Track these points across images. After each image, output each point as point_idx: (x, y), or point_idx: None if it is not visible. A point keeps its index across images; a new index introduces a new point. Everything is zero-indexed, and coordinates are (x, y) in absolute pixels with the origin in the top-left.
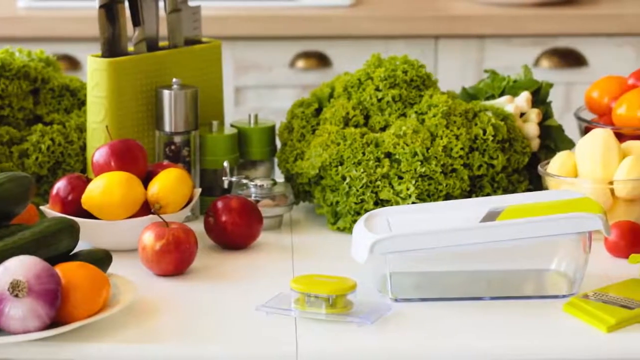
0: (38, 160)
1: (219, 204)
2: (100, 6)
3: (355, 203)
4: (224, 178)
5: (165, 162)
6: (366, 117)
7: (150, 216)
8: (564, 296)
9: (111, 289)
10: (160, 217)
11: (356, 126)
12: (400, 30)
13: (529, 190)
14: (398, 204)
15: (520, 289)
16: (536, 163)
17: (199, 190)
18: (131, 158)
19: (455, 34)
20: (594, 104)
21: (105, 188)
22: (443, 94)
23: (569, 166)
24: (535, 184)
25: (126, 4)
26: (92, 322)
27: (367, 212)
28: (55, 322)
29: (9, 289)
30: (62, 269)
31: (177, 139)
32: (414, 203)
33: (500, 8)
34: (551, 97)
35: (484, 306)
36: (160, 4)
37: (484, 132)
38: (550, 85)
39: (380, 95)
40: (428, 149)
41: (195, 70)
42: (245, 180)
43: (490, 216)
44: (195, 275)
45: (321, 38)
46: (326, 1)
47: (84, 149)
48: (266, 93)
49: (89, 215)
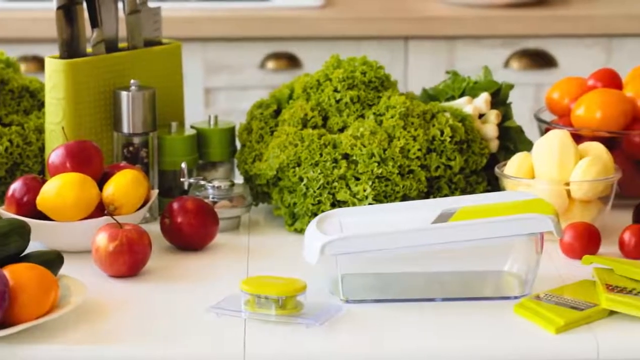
0: None
1: (175, 205)
2: (58, 7)
3: (313, 204)
4: (181, 179)
5: (123, 164)
6: (325, 119)
7: (104, 217)
8: (516, 297)
9: (61, 290)
10: (114, 219)
11: (314, 127)
12: (371, 31)
13: (488, 191)
14: (355, 205)
15: (472, 290)
16: (495, 164)
17: (155, 192)
18: (86, 159)
19: (426, 35)
20: (554, 105)
21: (59, 189)
22: (401, 95)
23: (526, 167)
24: (493, 185)
25: (84, 5)
26: (42, 324)
27: (320, 214)
28: (3, 324)
29: None
30: (11, 271)
31: (135, 140)
32: (370, 204)
33: (470, 9)
34: (521, 99)
35: (436, 307)
36: (120, 5)
37: (442, 133)
38: (510, 86)
39: (338, 96)
40: (385, 150)
41: (155, 71)
42: (203, 182)
43: (443, 217)
44: (150, 276)
45: (291, 39)
46: (296, 2)
47: (43, 150)
48: (237, 94)
49: (45, 216)
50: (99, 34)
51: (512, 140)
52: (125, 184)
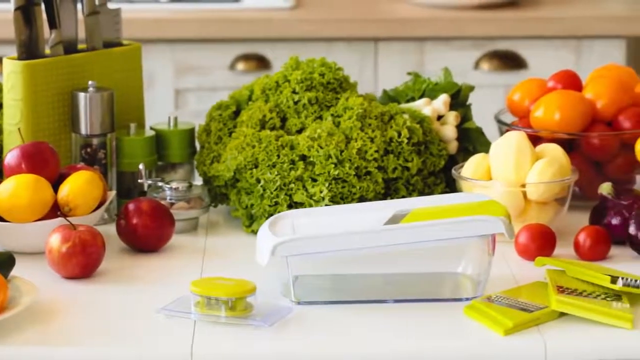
0: None
1: (130, 207)
2: (16, 8)
3: (270, 206)
4: (139, 180)
5: (80, 165)
6: (283, 120)
7: (58, 219)
8: (467, 299)
9: (11, 292)
10: (67, 220)
11: (272, 129)
12: (341, 32)
13: (446, 192)
14: (312, 206)
15: (424, 292)
16: (454, 165)
17: (112, 193)
18: (42, 160)
19: (395, 37)
20: (515, 106)
21: (13, 191)
22: (360, 96)
23: (483, 169)
24: (452, 186)
25: (43, 6)
26: None
27: (274, 215)
28: None
29: None
30: None
31: (93, 142)
32: (327, 206)
33: (440, 11)
34: (491, 100)
35: (388, 309)
36: (80, 7)
37: (399, 135)
38: (470, 88)
39: (296, 97)
40: (342, 151)
41: (115, 72)
42: (160, 183)
43: (395, 219)
44: (103, 277)
45: (261, 40)
46: (266, 4)
47: (1, 151)
48: (206, 95)
49: (0, 217)
50: (57, 35)
51: (472, 142)
52: (80, 185)
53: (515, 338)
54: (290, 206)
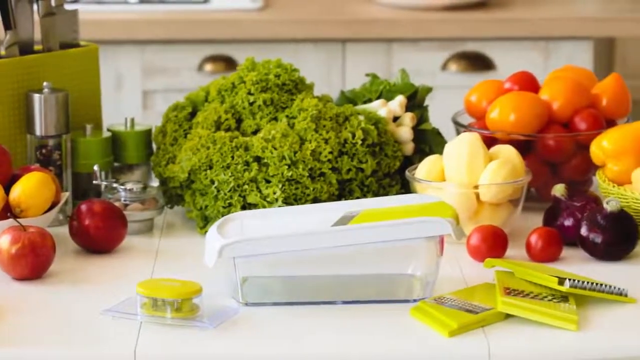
0: None
1: (83, 208)
2: None
3: (223, 207)
4: (94, 182)
5: (34, 166)
6: (238, 121)
7: (9, 220)
8: (415, 300)
9: None
10: (17, 221)
11: (228, 130)
12: (308, 33)
13: (401, 194)
14: (265, 207)
15: (372, 293)
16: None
17: (66, 194)
18: None
19: (363, 38)
20: (472, 108)
21: None
22: (315, 98)
23: (437, 170)
24: (407, 188)
25: None
26: None
27: (224, 217)
28: None
29: None
30: None
31: (49, 143)
32: (281, 207)
33: (407, 12)
34: (459, 101)
35: (336, 310)
36: (36, 8)
37: (353, 136)
38: (427, 89)
39: (252, 99)
40: (296, 153)
41: (71, 74)
42: (115, 184)
43: (344, 220)
44: (54, 278)
45: (229, 42)
46: (234, 5)
47: None
48: (174, 97)
49: None
50: (13, 36)
51: (428, 143)
52: (32, 187)
53: (460, 339)
54: (244, 207)
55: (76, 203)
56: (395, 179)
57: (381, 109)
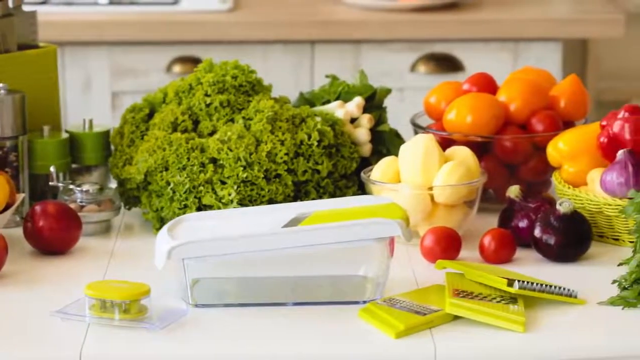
0: None
1: (37, 209)
2: None
3: (179, 208)
4: (50, 183)
5: None
6: (195, 123)
7: None
8: (365, 302)
9: None
10: None
11: (185, 131)
12: (277, 35)
13: (358, 195)
14: (220, 209)
15: (323, 295)
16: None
17: (22, 195)
18: None
19: (332, 39)
20: (431, 109)
21: None
22: (272, 99)
23: (392, 172)
24: (365, 189)
25: None
26: None
27: (175, 218)
28: None
29: None
30: None
31: (6, 144)
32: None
33: (376, 13)
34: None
35: (287, 312)
36: None
37: (309, 138)
38: (386, 90)
39: (208, 100)
40: (251, 154)
41: (29, 75)
42: (71, 186)
43: (294, 221)
44: (7, 279)
45: (198, 43)
46: (204, 6)
47: None
48: None
49: None
50: None
51: (386, 145)
52: None
53: (406, 341)
54: (199, 209)
55: (32, 204)
56: (352, 181)
57: (338, 110)
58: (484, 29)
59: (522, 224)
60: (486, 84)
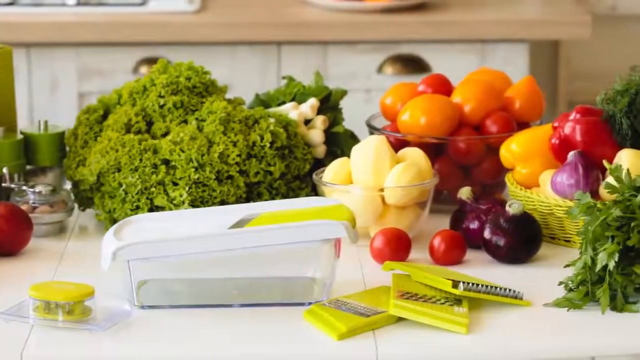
0: None
1: None
2: None
3: (131, 210)
4: (3, 184)
5: None
6: (149, 124)
7: None
8: (310, 303)
9: None
10: None
11: (138, 133)
12: (244, 36)
13: (311, 196)
14: (172, 210)
15: (269, 296)
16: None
17: None
18: None
19: (299, 40)
20: (387, 110)
21: None
22: (225, 100)
23: (344, 173)
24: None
25: None
26: None
27: (122, 220)
28: None
29: None
30: None
31: None
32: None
33: (343, 14)
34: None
35: (232, 313)
36: None
37: (262, 139)
38: (342, 92)
39: (162, 101)
40: (203, 155)
41: None
42: (24, 187)
43: (241, 223)
44: None
45: (165, 44)
46: (170, 8)
47: None
48: None
49: None
50: None
51: (340, 146)
52: None
53: (348, 343)
54: (151, 210)
55: None
56: (306, 182)
57: (292, 111)
58: (450, 30)
59: (473, 225)
60: (441, 85)
